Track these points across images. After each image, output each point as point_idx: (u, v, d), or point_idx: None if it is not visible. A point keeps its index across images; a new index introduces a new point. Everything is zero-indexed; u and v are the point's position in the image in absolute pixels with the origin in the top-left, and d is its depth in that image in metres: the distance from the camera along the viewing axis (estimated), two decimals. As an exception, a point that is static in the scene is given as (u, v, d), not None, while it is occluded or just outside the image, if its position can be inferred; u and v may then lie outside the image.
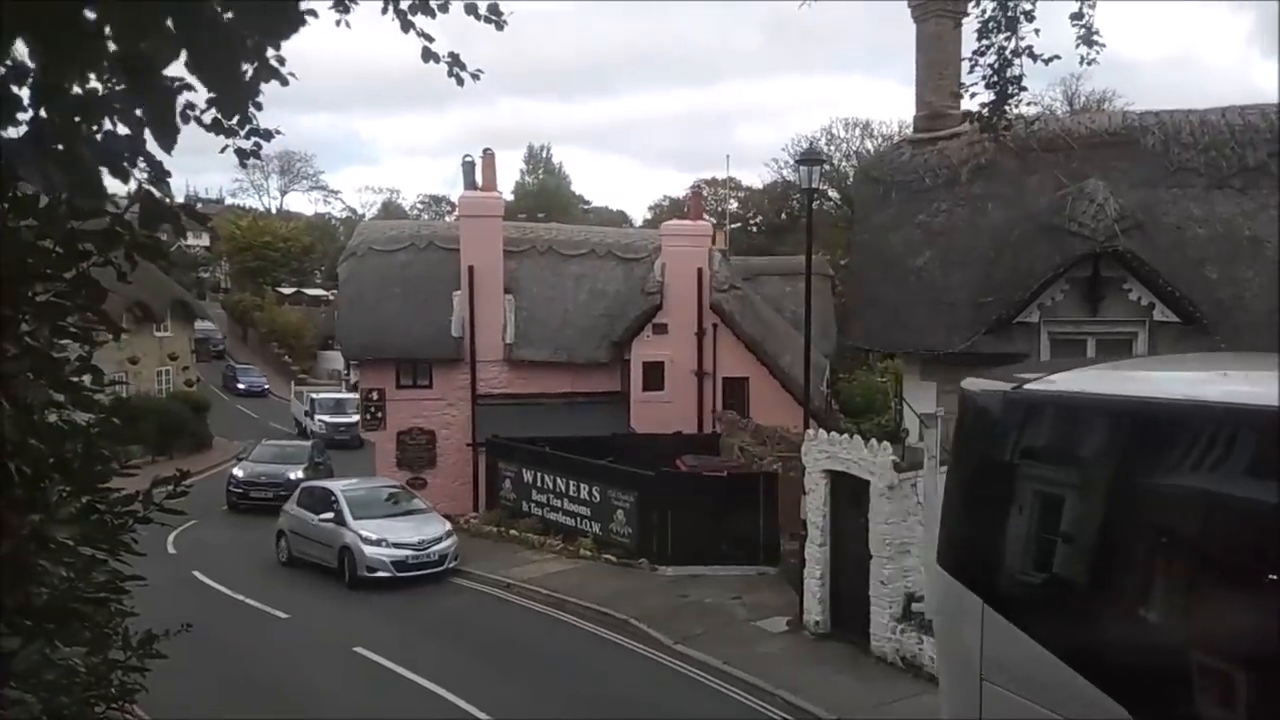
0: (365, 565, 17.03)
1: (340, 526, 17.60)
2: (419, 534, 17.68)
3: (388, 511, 18.43)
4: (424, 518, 18.60)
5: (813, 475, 13.78)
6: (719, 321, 23.88)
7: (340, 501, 18.10)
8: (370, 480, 21.37)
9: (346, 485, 19.53)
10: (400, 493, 19.84)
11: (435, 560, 17.45)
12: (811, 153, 15.57)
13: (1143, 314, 13.34)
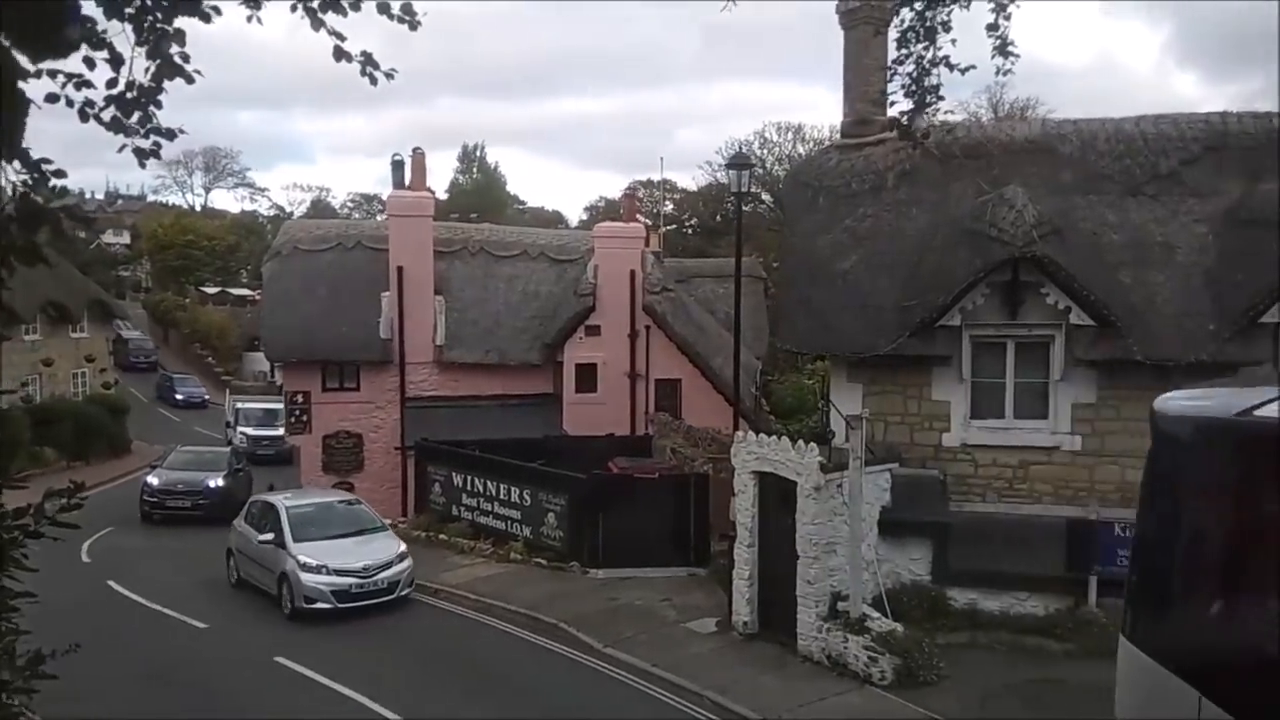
0: (303, 595, 15.13)
1: (280, 549, 15.75)
2: (365, 558, 15.63)
3: (336, 531, 16.41)
4: (376, 538, 16.60)
5: (742, 476, 13.86)
6: (652, 323, 23.96)
7: (282, 519, 16.19)
8: (321, 494, 19.23)
9: (293, 501, 17.32)
10: (355, 508, 17.68)
11: (383, 588, 15.45)
12: (740, 157, 15.69)
13: (1059, 317, 13.72)
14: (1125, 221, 14.64)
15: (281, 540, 15.85)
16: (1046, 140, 15.86)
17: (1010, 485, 14.30)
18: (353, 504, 17.96)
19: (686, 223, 56.91)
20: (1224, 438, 3.58)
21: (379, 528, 17.11)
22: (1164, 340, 13.42)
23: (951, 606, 13.02)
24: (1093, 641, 12.12)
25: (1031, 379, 14.31)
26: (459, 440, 20.74)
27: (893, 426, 14.65)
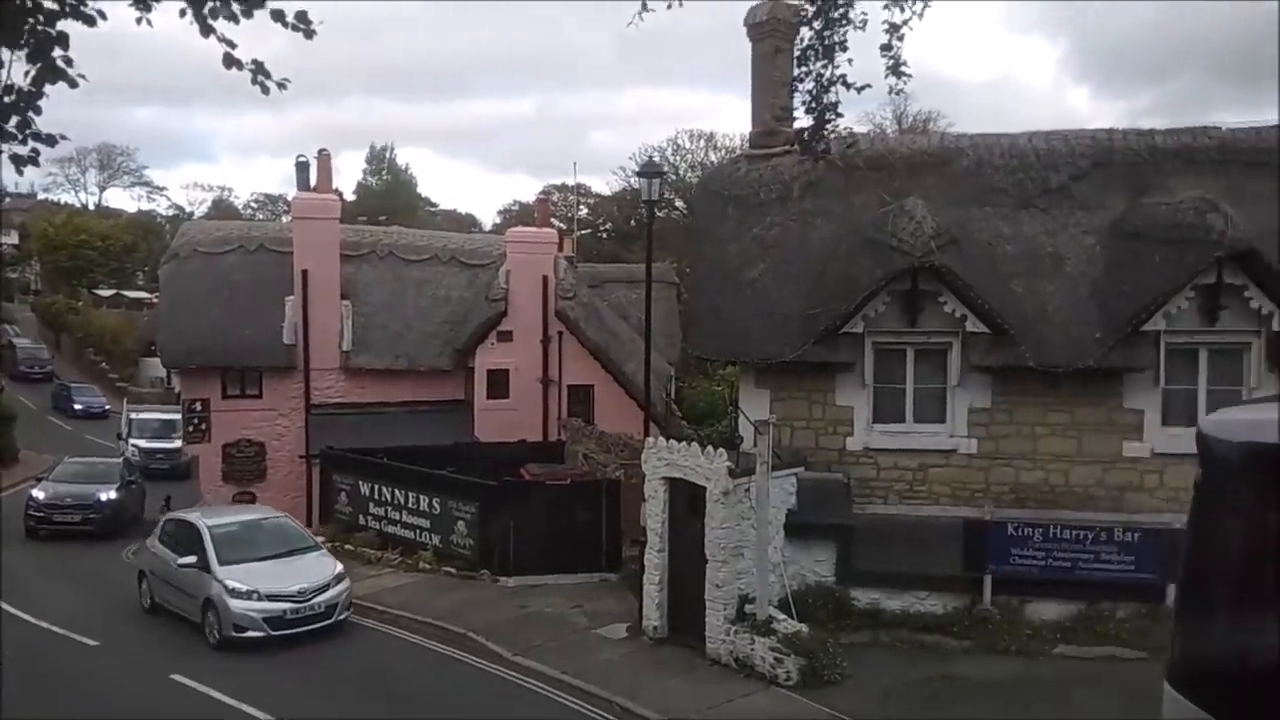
0: (233, 623, 13.95)
1: (204, 573, 14.53)
2: (300, 580, 14.50)
3: (265, 551, 15.25)
4: (310, 559, 15.48)
5: (652, 482, 13.97)
6: (565, 329, 23.94)
7: (205, 540, 14.94)
8: (246, 511, 17.76)
9: (215, 520, 15.99)
10: (283, 525, 16.50)
11: (320, 613, 14.39)
12: (651, 165, 15.83)
13: (956, 325, 14.20)
14: (1018, 233, 15.24)
15: (205, 563, 14.63)
16: (945, 154, 16.42)
17: (910, 487, 14.73)
18: (280, 521, 16.75)
19: (601, 227, 57.00)
20: None
21: (311, 546, 16.04)
22: (1054, 347, 14.01)
23: (855, 606, 13.34)
24: (988, 638, 12.62)
25: (930, 384, 14.77)
26: (366, 448, 20.37)
27: (799, 431, 14.95)
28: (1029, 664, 12.29)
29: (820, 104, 6.87)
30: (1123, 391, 14.22)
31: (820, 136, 7.37)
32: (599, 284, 27.82)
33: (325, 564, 15.42)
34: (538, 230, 25.05)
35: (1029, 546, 12.84)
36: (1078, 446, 14.35)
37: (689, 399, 29.85)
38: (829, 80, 6.81)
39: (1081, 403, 14.29)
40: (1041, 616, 12.87)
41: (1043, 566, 12.82)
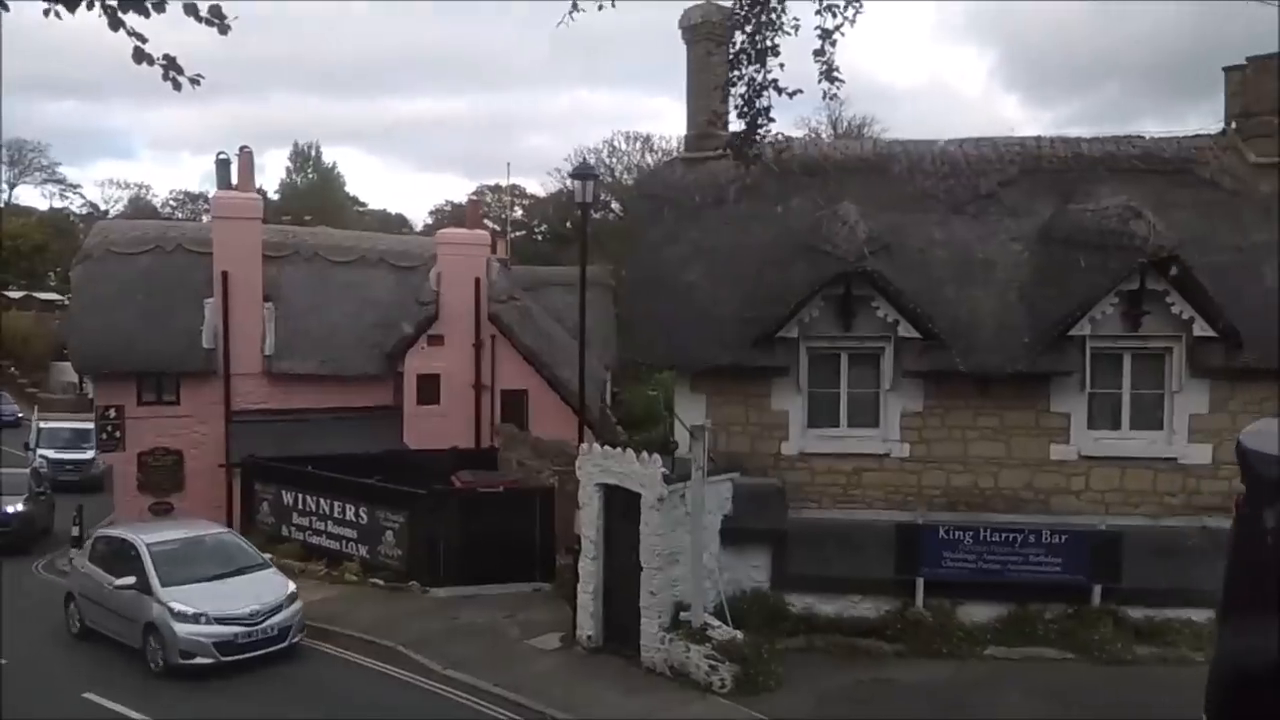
0: (179, 649, 13.00)
1: (145, 595, 13.53)
2: (252, 601, 13.56)
3: (211, 570, 14.24)
4: (259, 578, 14.47)
5: (587, 489, 13.75)
6: (498, 333, 23.56)
7: (145, 560, 13.89)
8: (187, 527, 16.36)
9: (154, 536, 14.78)
10: (228, 541, 15.56)
11: (274, 635, 13.53)
12: (585, 168, 15.61)
13: (889, 330, 14.28)
14: (949, 239, 15.40)
15: (146, 584, 13.59)
16: (878, 160, 16.54)
17: (845, 491, 14.76)
18: (224, 537, 15.76)
19: (536, 229, 56.55)
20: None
21: (260, 564, 15.00)
22: (983, 352, 14.17)
23: (790, 611, 13.30)
24: (920, 641, 12.68)
25: (864, 389, 14.83)
26: (290, 456, 19.75)
27: (735, 436, 14.87)
28: (960, 666, 12.38)
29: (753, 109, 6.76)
30: (1050, 395, 14.44)
31: (752, 141, 7.26)
32: (534, 287, 27.45)
33: (277, 583, 14.45)
34: (470, 232, 24.63)
35: (960, 549, 12.94)
36: (1007, 450, 14.54)
37: (625, 404, 29.70)
38: (761, 85, 6.71)
39: (1010, 407, 14.49)
40: (973, 618, 12.98)
41: (973, 569, 12.93)
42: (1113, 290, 13.80)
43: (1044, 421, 14.48)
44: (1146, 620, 12.51)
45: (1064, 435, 14.43)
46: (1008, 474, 14.50)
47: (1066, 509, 14.28)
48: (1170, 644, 12.23)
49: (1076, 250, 14.27)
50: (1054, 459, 14.45)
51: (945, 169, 16.19)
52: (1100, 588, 12.70)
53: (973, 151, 16.46)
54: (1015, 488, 14.48)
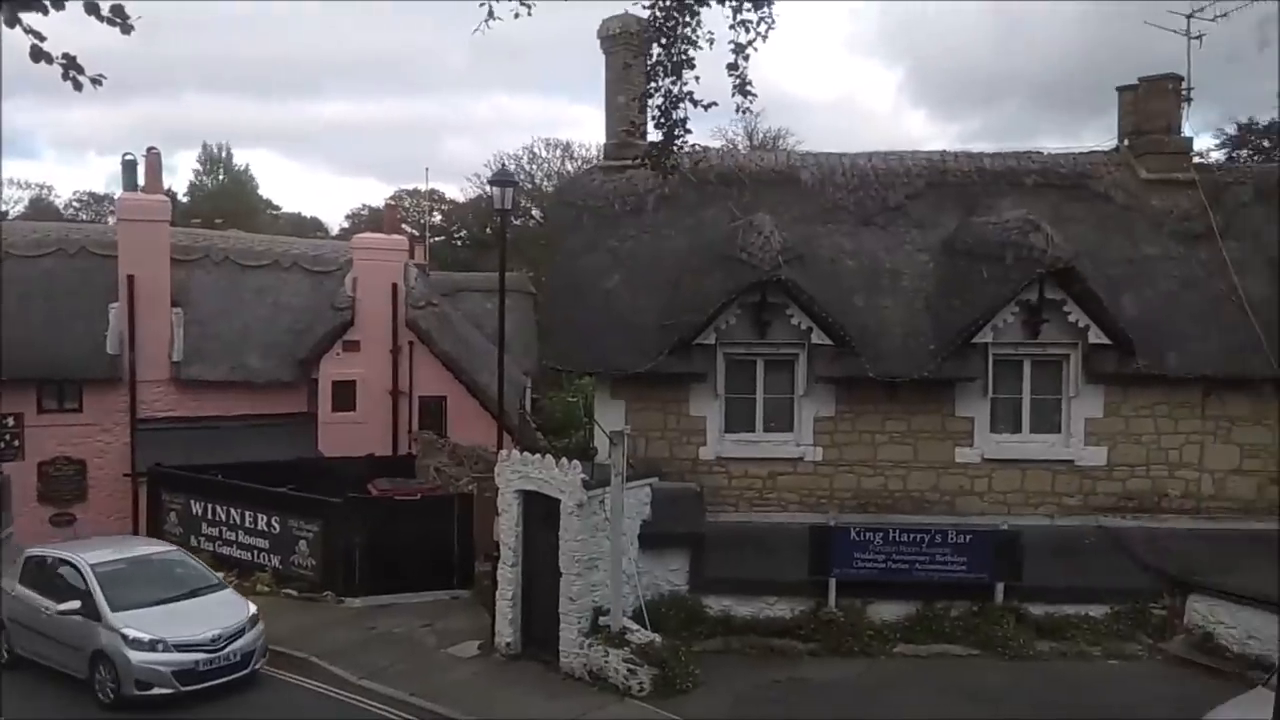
0: (135, 679, 11.96)
1: (93, 621, 12.42)
2: (213, 625, 12.57)
3: (164, 592, 13.15)
4: (217, 600, 13.46)
5: (506, 496, 13.75)
6: (415, 339, 23.31)
7: (90, 582, 12.80)
8: (131, 545, 15.17)
9: (97, 556, 13.55)
10: (178, 560, 14.34)
11: (237, 662, 12.55)
12: (504, 174, 15.62)
13: (803, 337, 14.65)
14: (859, 249, 15.89)
15: (94, 609, 12.48)
16: (791, 171, 16.98)
17: (760, 495, 15.09)
18: (173, 555, 14.60)
19: (455, 234, 55.98)
20: None
21: (215, 585, 13.90)
22: (892, 359, 14.65)
23: (707, 614, 13.51)
24: (833, 640, 13.02)
25: (779, 394, 15.18)
26: (199, 465, 19.23)
27: (654, 442, 15.06)
28: (871, 663, 12.75)
29: (669, 120, 6.94)
30: (955, 400, 15.00)
31: (669, 152, 7.44)
32: (453, 293, 27.25)
33: (236, 605, 13.42)
34: (387, 237, 24.31)
35: (870, 550, 13.32)
36: (914, 453, 15.05)
37: (545, 410, 29.67)
38: (677, 97, 6.90)
39: (917, 411, 15.00)
40: (882, 617, 13.38)
41: (883, 569, 13.32)
42: (1013, 300, 14.43)
43: (949, 426, 15.04)
44: (1046, 616, 13.07)
45: (968, 439, 15.01)
46: (915, 476, 15.01)
47: (970, 510, 14.85)
48: (1069, 639, 12.82)
49: (979, 261, 14.88)
50: (959, 462, 15.01)
51: (855, 181, 16.71)
52: (1003, 586, 13.22)
53: (881, 165, 17.02)
54: (922, 489, 15.00)
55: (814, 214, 16.25)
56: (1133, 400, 14.89)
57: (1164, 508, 14.76)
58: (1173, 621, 12.90)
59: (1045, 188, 16.59)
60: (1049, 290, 14.45)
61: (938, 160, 17.14)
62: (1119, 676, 12.24)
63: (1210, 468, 14.77)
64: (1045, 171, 16.88)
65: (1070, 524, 14.65)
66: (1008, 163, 17.06)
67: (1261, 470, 14.69)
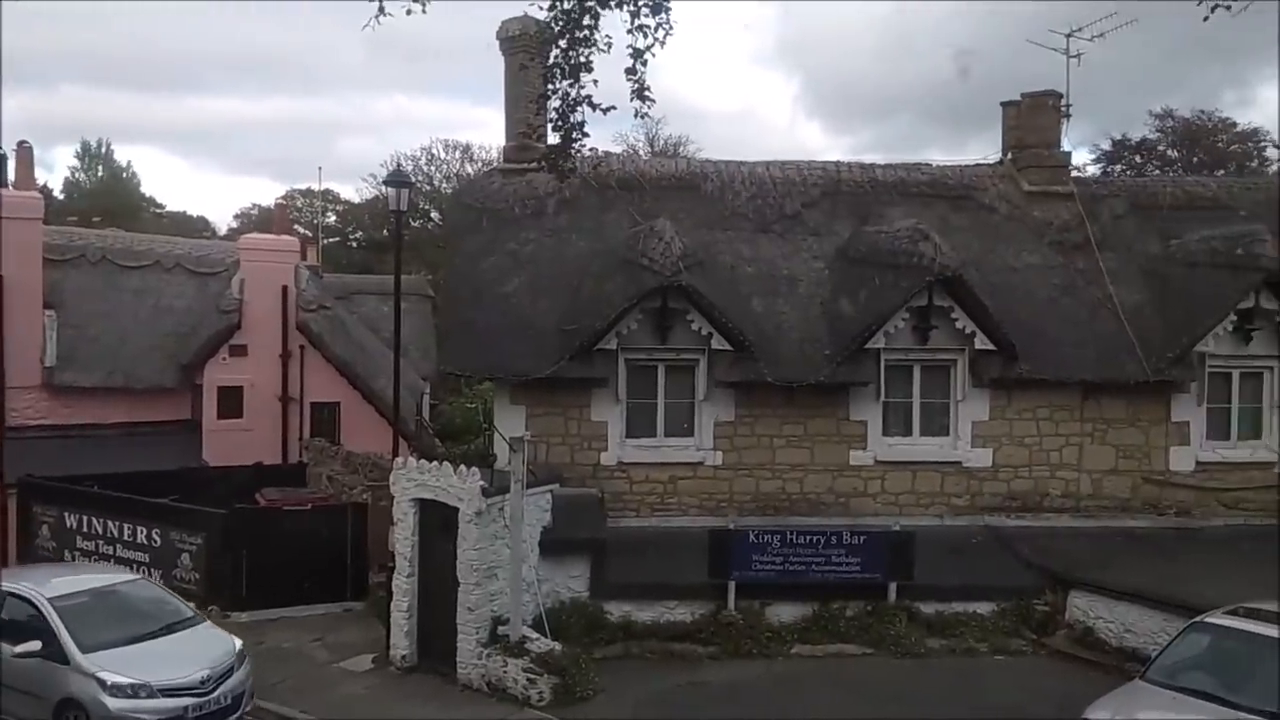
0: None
1: (58, 665, 10.80)
2: (199, 664, 11.06)
3: (139, 629, 11.54)
4: (198, 636, 11.94)
5: (401, 504, 13.41)
6: (307, 343, 22.58)
7: (51, 619, 11.10)
8: (84, 574, 13.53)
9: (55, 590, 11.69)
10: (145, 590, 12.81)
11: (228, 705, 11.15)
12: (399, 174, 15.25)
13: (703, 342, 14.75)
14: (757, 255, 16.11)
15: (59, 651, 10.85)
16: (692, 178, 17.11)
17: (661, 500, 15.12)
18: (140, 583, 13.02)
19: (351, 236, 54.62)
20: None
21: (191, 618, 12.29)
22: (789, 364, 14.88)
23: (608, 620, 13.44)
24: (732, 643, 13.12)
25: (680, 399, 15.24)
26: (75, 475, 18.18)
27: (554, 447, 14.93)
28: (769, 664, 12.90)
29: (567, 123, 6.87)
30: (849, 404, 15.32)
31: (567, 155, 7.36)
32: (347, 295, 26.57)
33: (220, 641, 11.93)
34: (276, 237, 23.51)
35: (768, 552, 13.47)
36: (810, 456, 15.31)
37: (444, 415, 29.16)
38: (575, 100, 6.83)
39: (814, 415, 15.26)
40: (780, 618, 13.54)
41: (781, 571, 13.49)
42: (904, 306, 14.82)
43: (844, 429, 15.35)
44: (937, 614, 13.45)
45: (862, 442, 15.35)
46: (812, 479, 15.27)
47: (864, 511, 15.19)
48: (958, 636, 13.21)
49: (872, 268, 15.26)
50: (853, 464, 15.34)
51: (754, 189, 16.96)
52: (895, 585, 13.55)
53: (778, 173, 17.31)
54: (818, 492, 15.27)
55: (714, 220, 16.40)
56: (1016, 404, 15.48)
57: (1045, 507, 15.38)
58: (1055, 617, 13.43)
59: (934, 198, 17.15)
60: (938, 297, 14.89)
61: (833, 170, 17.52)
62: (1005, 672, 12.67)
63: (1088, 468, 15.46)
64: (934, 183, 17.45)
65: (958, 524, 15.13)
66: (899, 174, 17.57)
67: (1135, 470, 15.45)
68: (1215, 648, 9.15)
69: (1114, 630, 12.78)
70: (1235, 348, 15.35)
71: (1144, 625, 12.38)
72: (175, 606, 12.45)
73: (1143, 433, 15.49)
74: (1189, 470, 15.49)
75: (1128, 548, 14.33)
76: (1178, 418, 15.49)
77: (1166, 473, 15.47)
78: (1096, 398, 15.44)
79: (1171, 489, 15.46)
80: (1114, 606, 12.84)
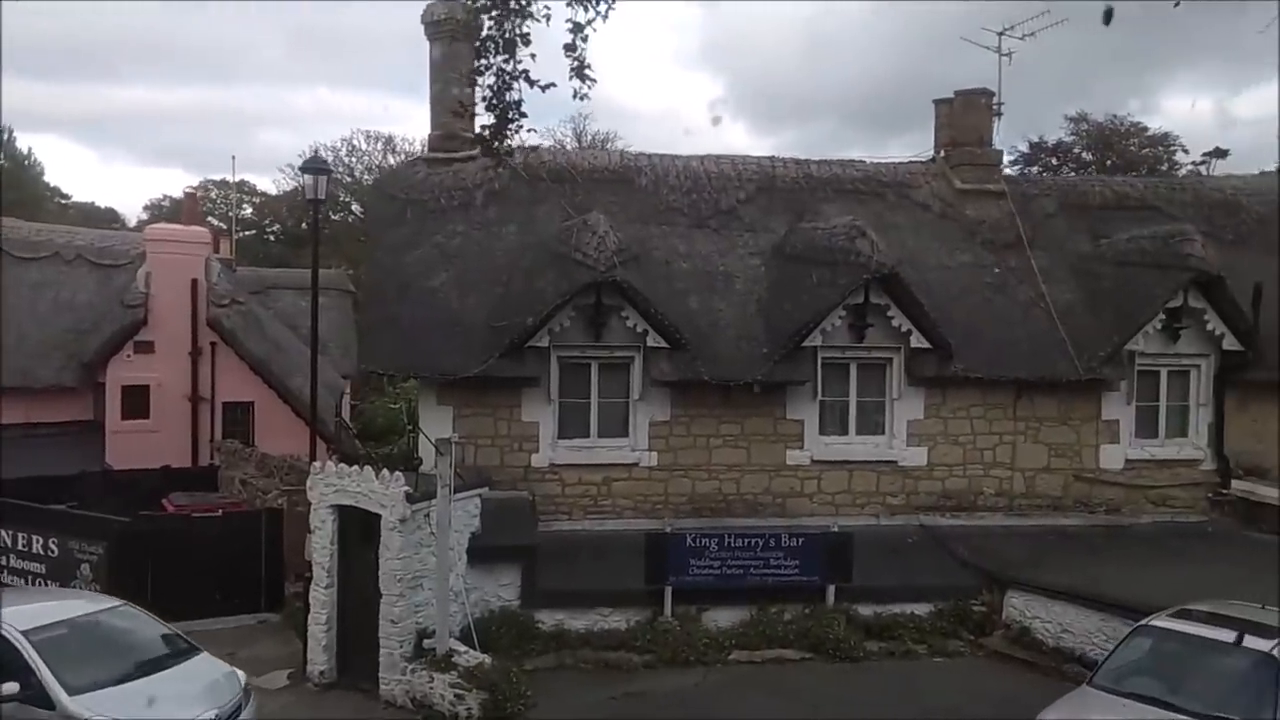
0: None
1: (41, 710, 9.18)
2: (205, 704, 9.70)
3: (128, 666, 9.99)
4: (195, 668, 10.47)
5: (319, 511, 12.65)
6: (219, 339, 21.44)
7: (29, 656, 9.43)
8: (59, 600, 11.57)
9: (28, 621, 9.93)
10: (130, 617, 11.05)
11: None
12: (317, 161, 14.42)
13: (638, 340, 14.30)
14: (693, 251, 15.73)
15: (41, 694, 9.20)
16: (625, 171, 16.64)
17: (595, 502, 14.63)
18: (124, 610, 11.10)
19: (268, 229, 52.71)
20: None
21: (187, 649, 10.81)
22: (726, 362, 14.53)
23: (540, 629, 12.90)
24: (669, 650, 12.68)
25: (614, 399, 14.77)
26: (-39, 481, 16.88)
27: (483, 449, 14.33)
28: (707, 672, 12.51)
29: (502, 101, 6.32)
30: (786, 403, 15.05)
31: (503, 136, 6.81)
32: (262, 290, 25.39)
33: (222, 673, 10.55)
34: (185, 228, 22.28)
35: (706, 556, 13.10)
36: (747, 456, 15.00)
37: (365, 415, 28.16)
38: (511, 75, 6.30)
39: (750, 414, 14.95)
40: (718, 624, 13.18)
41: (718, 575, 13.14)
42: (841, 304, 14.59)
43: (780, 428, 15.07)
44: (875, 617, 13.24)
45: (798, 441, 15.09)
46: (749, 479, 14.96)
47: (801, 511, 14.94)
48: (896, 638, 13.01)
49: (808, 266, 15.00)
50: (790, 464, 15.07)
51: (688, 184, 16.59)
52: (834, 587, 13.30)
53: (713, 168, 16.97)
54: (755, 492, 14.96)
55: (648, 215, 15.98)
56: (951, 402, 15.40)
57: (979, 506, 15.34)
58: (992, 617, 13.34)
59: (869, 196, 17.02)
60: (874, 295, 14.72)
61: (768, 166, 17.26)
62: (944, 674, 12.51)
63: (1021, 466, 15.48)
64: (868, 180, 17.32)
65: (894, 524, 14.99)
66: (833, 170, 17.39)
67: (1067, 468, 15.52)
68: (1161, 651, 9.05)
69: (1051, 630, 12.73)
70: (1164, 346, 15.54)
71: (1081, 625, 12.35)
72: (167, 636, 10.92)
73: (1074, 431, 15.56)
74: (1119, 468, 15.63)
75: (1060, 546, 14.35)
76: (1108, 416, 15.61)
77: (1097, 470, 15.58)
78: (1029, 396, 15.46)
79: (1101, 487, 15.57)
80: (1050, 606, 12.79)
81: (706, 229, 16.07)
